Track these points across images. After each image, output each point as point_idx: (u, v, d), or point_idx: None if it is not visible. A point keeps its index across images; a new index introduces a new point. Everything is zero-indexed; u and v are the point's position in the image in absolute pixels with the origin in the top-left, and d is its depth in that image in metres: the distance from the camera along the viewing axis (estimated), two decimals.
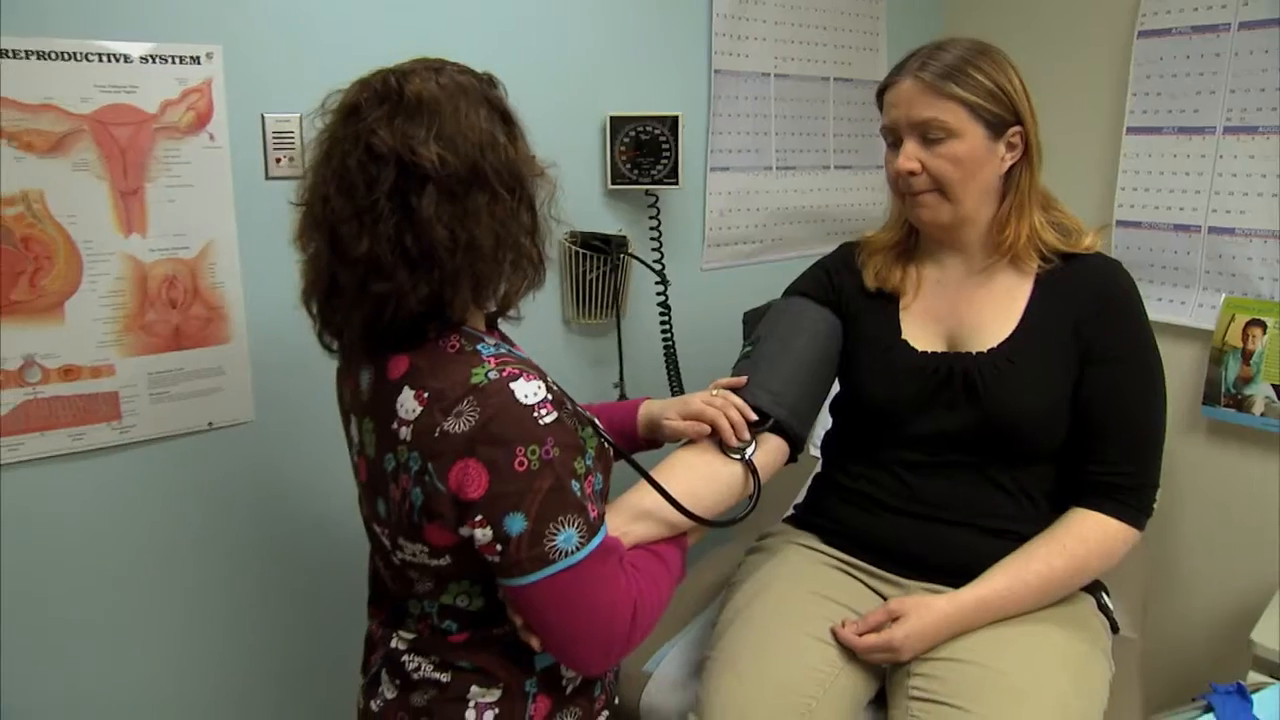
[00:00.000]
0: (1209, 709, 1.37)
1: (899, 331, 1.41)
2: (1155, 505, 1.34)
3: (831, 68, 2.28)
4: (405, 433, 0.98)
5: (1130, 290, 1.35)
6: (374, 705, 1.13)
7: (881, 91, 1.37)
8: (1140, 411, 1.33)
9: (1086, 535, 1.30)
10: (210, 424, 1.52)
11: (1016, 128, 1.31)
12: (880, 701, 1.31)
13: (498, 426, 0.94)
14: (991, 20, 2.38)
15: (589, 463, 1.02)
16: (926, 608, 1.25)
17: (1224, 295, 2.03)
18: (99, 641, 1.47)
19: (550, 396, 0.98)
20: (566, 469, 0.97)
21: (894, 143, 1.35)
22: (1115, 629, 1.40)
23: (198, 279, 1.47)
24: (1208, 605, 2.16)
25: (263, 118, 1.49)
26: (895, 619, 1.26)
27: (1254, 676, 1.58)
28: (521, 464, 0.94)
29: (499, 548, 0.96)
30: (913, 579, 1.36)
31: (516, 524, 0.95)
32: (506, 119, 1.02)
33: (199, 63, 1.42)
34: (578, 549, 0.97)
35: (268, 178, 1.51)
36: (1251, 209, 1.98)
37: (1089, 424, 1.32)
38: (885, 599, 1.34)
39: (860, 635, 1.26)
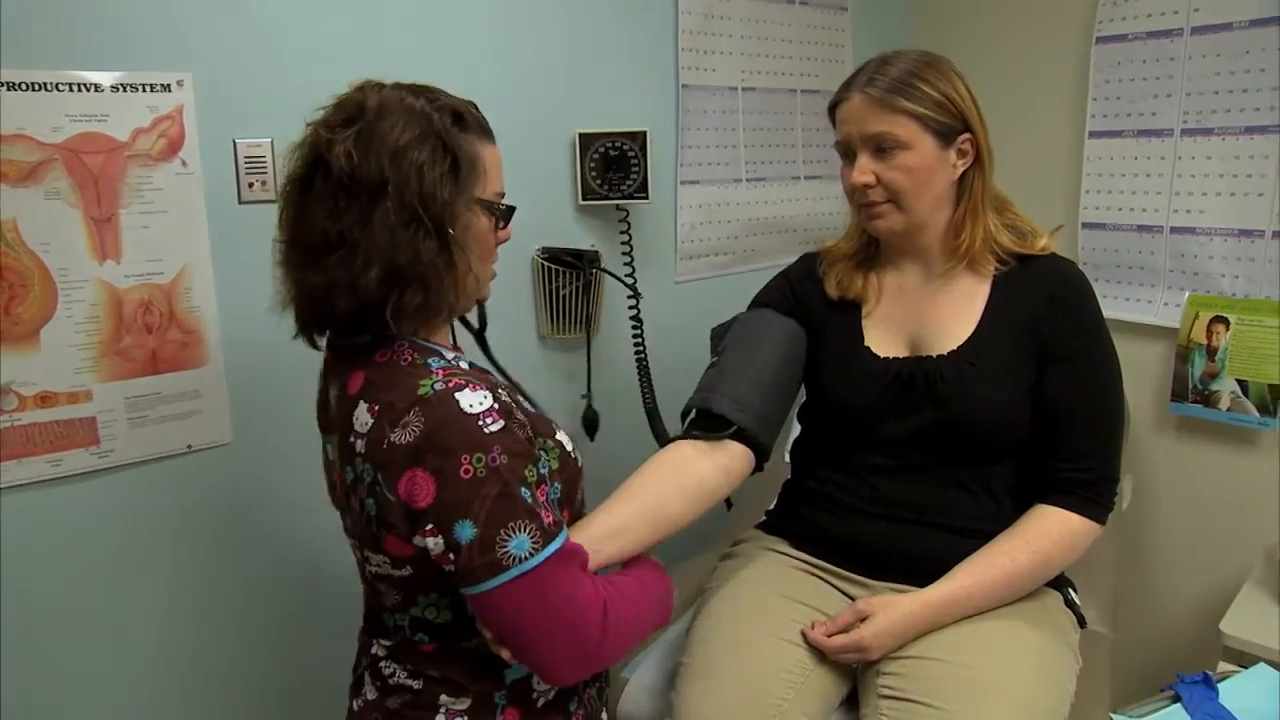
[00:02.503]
0: (1176, 699, 1.40)
1: (861, 338, 1.43)
2: (1116, 499, 1.37)
3: (798, 80, 2.31)
4: (360, 445, 1.00)
5: (1085, 288, 1.38)
6: (355, 705, 1.17)
7: (833, 107, 1.39)
8: (1099, 406, 1.35)
9: (1049, 530, 1.32)
10: (189, 447, 1.53)
11: (966, 135, 1.34)
12: (852, 702, 1.32)
13: (442, 436, 0.96)
14: (955, 31, 2.41)
15: (542, 470, 1.03)
16: (893, 607, 1.28)
17: (1187, 293, 2.07)
18: (80, 663, 1.48)
19: (497, 405, 0.99)
20: (515, 476, 0.98)
21: (848, 156, 1.38)
22: (1082, 624, 1.42)
23: (173, 303, 1.49)
24: (1179, 598, 2.19)
25: (234, 143, 1.51)
26: (863, 619, 1.28)
27: (1224, 666, 1.61)
28: (467, 471, 0.96)
29: (452, 556, 0.97)
30: (881, 580, 1.38)
31: (465, 531, 0.96)
32: (454, 157, 1.02)
33: (169, 90, 1.44)
34: (531, 555, 0.97)
35: (241, 202, 1.53)
36: (1210, 208, 2.02)
37: (1049, 420, 1.34)
38: (854, 600, 1.36)
39: (829, 636, 1.29)
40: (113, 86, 1.39)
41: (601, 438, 1.99)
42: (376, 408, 1.00)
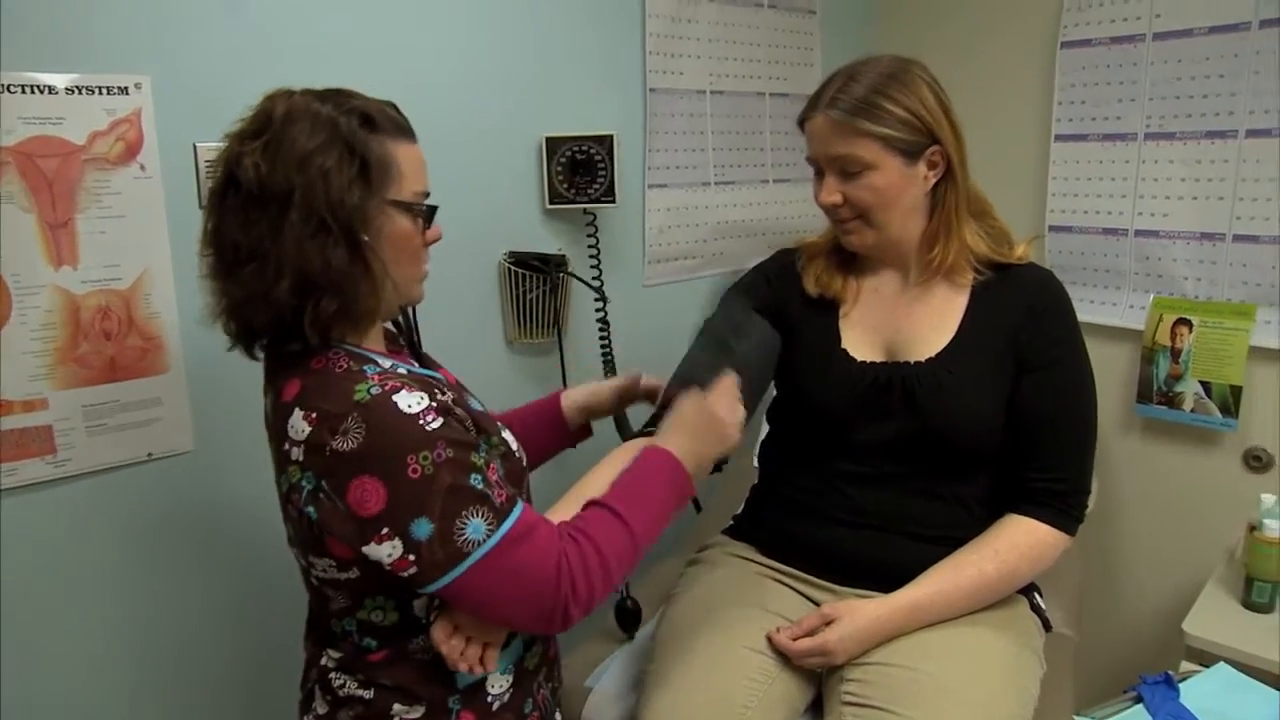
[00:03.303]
0: (1139, 699, 1.40)
1: (838, 340, 1.42)
2: (1086, 510, 1.37)
3: (767, 83, 2.32)
4: (297, 453, 1.00)
5: (1063, 299, 1.37)
6: None
7: (801, 123, 1.38)
8: (1072, 418, 1.35)
9: (1019, 541, 1.32)
10: (150, 455, 1.51)
11: (934, 147, 1.32)
12: (817, 709, 1.32)
13: (386, 439, 0.96)
14: (922, 35, 2.43)
15: (484, 455, 1.03)
16: (860, 611, 1.28)
17: (1152, 295, 2.09)
18: (35, 674, 1.45)
19: (434, 404, 1.00)
20: (463, 466, 0.99)
21: (818, 174, 1.37)
22: (1048, 628, 1.43)
23: (132, 310, 1.46)
24: (1142, 598, 2.21)
25: (195, 147, 1.49)
26: (829, 623, 1.28)
27: (1186, 666, 1.62)
28: (415, 471, 0.96)
29: (412, 557, 0.97)
30: (850, 587, 1.38)
31: (423, 528, 0.96)
32: (363, 161, 1.01)
33: (127, 93, 1.42)
34: (488, 536, 0.98)
35: (202, 207, 1.49)
36: (1173, 211, 2.05)
37: (1025, 430, 1.34)
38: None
39: (795, 640, 1.28)
40: (68, 89, 1.36)
41: None
42: (314, 415, 0.99)
